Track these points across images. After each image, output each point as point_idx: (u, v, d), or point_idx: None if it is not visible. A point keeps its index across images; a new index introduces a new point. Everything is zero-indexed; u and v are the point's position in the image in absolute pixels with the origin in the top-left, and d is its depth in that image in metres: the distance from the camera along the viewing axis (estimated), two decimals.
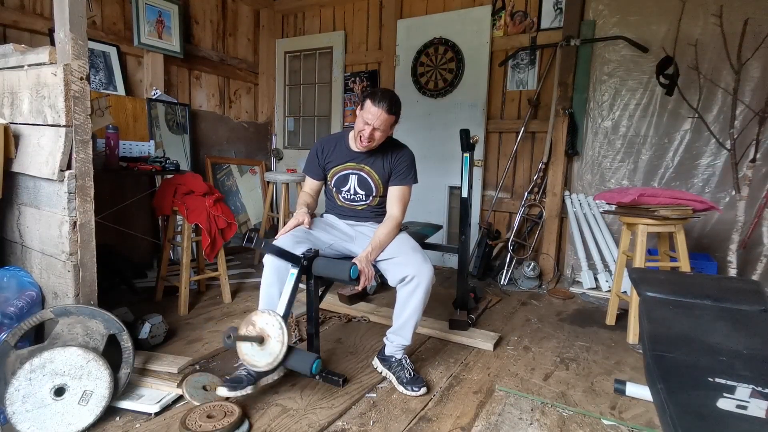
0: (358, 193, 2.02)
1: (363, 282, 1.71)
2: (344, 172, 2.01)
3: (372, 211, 2.05)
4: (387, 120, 1.84)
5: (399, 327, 1.85)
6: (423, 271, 1.77)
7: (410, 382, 1.79)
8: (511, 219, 3.56)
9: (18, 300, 1.64)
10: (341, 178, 2.02)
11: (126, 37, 3.30)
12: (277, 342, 1.55)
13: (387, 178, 2.00)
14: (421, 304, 1.81)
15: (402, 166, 1.98)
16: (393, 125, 1.90)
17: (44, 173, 1.63)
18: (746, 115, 2.72)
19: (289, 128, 4.60)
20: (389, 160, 1.98)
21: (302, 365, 1.59)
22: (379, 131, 1.85)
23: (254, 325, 1.58)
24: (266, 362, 1.55)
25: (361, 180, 2.00)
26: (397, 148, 2.01)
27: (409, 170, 1.99)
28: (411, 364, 1.87)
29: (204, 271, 2.81)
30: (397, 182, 1.98)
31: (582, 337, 2.39)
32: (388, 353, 1.89)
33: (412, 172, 2.01)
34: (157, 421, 1.56)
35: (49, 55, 1.63)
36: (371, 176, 1.99)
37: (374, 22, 4.06)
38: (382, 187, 2.00)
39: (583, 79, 3.21)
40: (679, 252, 2.32)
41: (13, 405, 1.38)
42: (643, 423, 1.63)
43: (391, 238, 1.89)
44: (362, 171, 1.99)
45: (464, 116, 3.61)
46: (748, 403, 0.86)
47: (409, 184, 2.00)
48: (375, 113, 1.80)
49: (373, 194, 2.01)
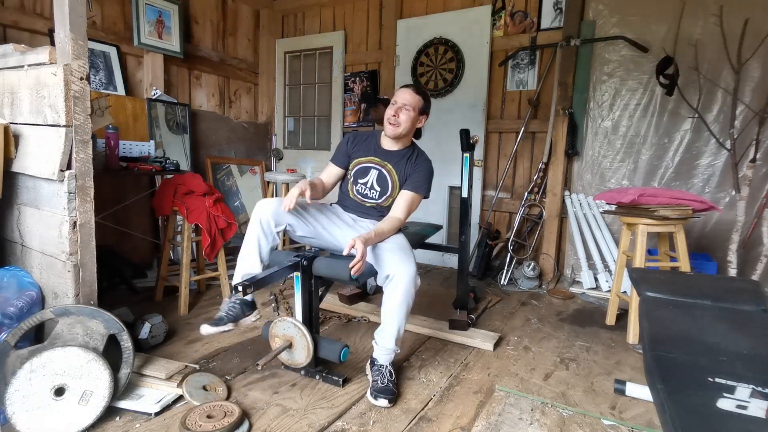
0: (374, 189, 2.02)
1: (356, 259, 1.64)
2: (367, 165, 2.04)
3: (379, 211, 2.04)
4: (413, 99, 1.90)
5: (380, 328, 1.81)
6: (402, 271, 1.72)
7: (378, 389, 1.71)
8: (511, 219, 3.56)
9: (18, 300, 1.64)
10: (363, 169, 2.04)
11: (126, 37, 3.30)
12: (301, 338, 1.71)
13: (404, 181, 2.00)
14: (399, 306, 1.72)
15: (420, 174, 1.98)
16: (421, 112, 1.95)
17: (44, 173, 1.63)
18: (746, 115, 2.72)
19: (289, 128, 4.60)
20: (411, 163, 1.99)
21: (331, 354, 1.75)
22: (406, 110, 1.90)
23: (277, 336, 1.76)
24: (304, 357, 1.73)
25: (381, 177, 2.01)
26: (422, 157, 2.04)
27: (425, 180, 1.99)
28: (391, 374, 1.77)
29: (204, 271, 2.81)
30: (410, 188, 1.96)
31: (582, 337, 2.39)
32: (374, 356, 1.84)
33: (427, 183, 2.00)
34: (157, 421, 1.56)
35: (49, 55, 1.63)
36: (391, 175, 2.00)
37: (374, 22, 4.06)
38: (398, 190, 2.00)
39: (583, 79, 3.21)
40: (679, 252, 2.32)
41: (13, 405, 1.38)
42: (643, 423, 1.63)
43: (392, 233, 1.88)
44: (384, 168, 2.01)
45: (464, 116, 3.61)
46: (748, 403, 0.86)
47: (420, 193, 1.98)
48: (402, 93, 1.91)
49: (387, 194, 2.01)
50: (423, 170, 1.98)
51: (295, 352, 1.75)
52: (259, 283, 1.64)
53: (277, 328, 1.75)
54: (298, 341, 1.73)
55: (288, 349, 1.75)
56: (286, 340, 1.75)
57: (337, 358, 1.75)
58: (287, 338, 1.75)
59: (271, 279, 1.71)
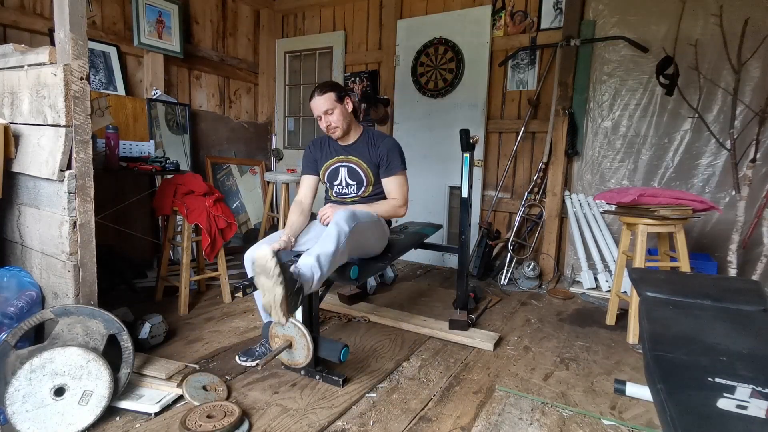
0: (349, 185, 2.08)
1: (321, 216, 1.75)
2: (334, 166, 2.11)
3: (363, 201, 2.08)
4: (325, 102, 1.94)
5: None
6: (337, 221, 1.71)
7: None
8: (511, 219, 3.56)
9: (18, 300, 1.64)
10: (332, 172, 2.11)
11: (126, 37, 3.30)
12: (301, 338, 1.70)
13: (376, 165, 2.04)
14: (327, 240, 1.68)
15: (387, 154, 2.02)
16: (339, 100, 1.97)
17: (44, 173, 1.63)
18: (746, 115, 2.72)
19: (289, 128, 4.60)
20: (374, 146, 2.04)
21: (331, 354, 1.77)
22: (330, 115, 1.94)
23: (277, 336, 1.75)
24: (304, 356, 1.72)
25: (351, 171, 2.06)
26: (380, 136, 2.08)
27: (395, 157, 2.03)
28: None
29: (204, 271, 2.81)
30: (386, 173, 2.03)
31: (582, 337, 2.39)
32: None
33: (399, 158, 2.04)
34: (157, 421, 1.56)
35: (49, 55, 1.63)
36: (359, 165, 2.05)
37: (374, 22, 4.06)
38: (372, 175, 2.04)
39: (583, 79, 3.21)
40: (679, 252, 2.32)
41: (13, 405, 1.38)
42: (643, 423, 1.63)
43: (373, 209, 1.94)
44: (350, 162, 2.06)
45: (464, 116, 3.62)
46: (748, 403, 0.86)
47: (399, 171, 2.03)
48: (314, 105, 1.96)
49: (364, 184, 2.06)
50: (387, 150, 2.02)
51: (295, 352, 1.75)
52: None
53: (277, 328, 1.75)
54: (298, 341, 1.73)
55: (288, 349, 1.76)
56: (286, 340, 1.75)
57: (337, 358, 1.76)
58: (287, 338, 1.75)
59: None
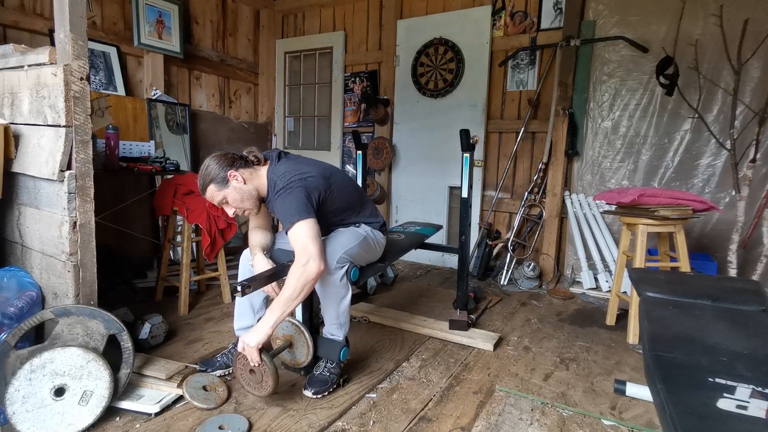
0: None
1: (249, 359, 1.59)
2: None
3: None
4: (211, 192, 1.72)
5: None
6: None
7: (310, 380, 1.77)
8: (511, 219, 3.56)
9: (18, 300, 1.64)
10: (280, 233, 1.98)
11: (126, 37, 3.30)
12: (301, 338, 1.72)
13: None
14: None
15: (276, 211, 1.72)
16: (226, 183, 1.71)
17: (44, 173, 1.63)
18: (746, 115, 2.72)
19: (289, 128, 4.60)
20: (272, 204, 1.77)
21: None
22: (224, 204, 1.74)
23: (277, 336, 1.77)
24: (305, 355, 1.74)
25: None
26: (277, 194, 1.70)
27: (285, 210, 1.66)
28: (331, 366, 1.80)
29: (204, 271, 2.81)
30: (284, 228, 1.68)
31: (582, 337, 2.39)
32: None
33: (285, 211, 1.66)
34: (157, 421, 1.56)
35: (49, 56, 1.63)
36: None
37: (374, 23, 4.06)
38: None
39: (583, 79, 3.21)
40: (679, 252, 2.32)
41: (13, 405, 1.38)
42: (643, 423, 1.63)
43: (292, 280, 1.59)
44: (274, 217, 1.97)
45: (464, 116, 3.62)
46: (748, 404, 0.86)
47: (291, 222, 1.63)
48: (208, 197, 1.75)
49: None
50: (279, 207, 1.69)
51: (295, 352, 1.76)
52: (258, 282, 1.64)
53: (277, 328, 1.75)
54: (298, 341, 1.74)
55: (288, 349, 1.76)
56: (286, 340, 1.75)
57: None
58: (287, 338, 1.75)
59: (271, 279, 1.71)
